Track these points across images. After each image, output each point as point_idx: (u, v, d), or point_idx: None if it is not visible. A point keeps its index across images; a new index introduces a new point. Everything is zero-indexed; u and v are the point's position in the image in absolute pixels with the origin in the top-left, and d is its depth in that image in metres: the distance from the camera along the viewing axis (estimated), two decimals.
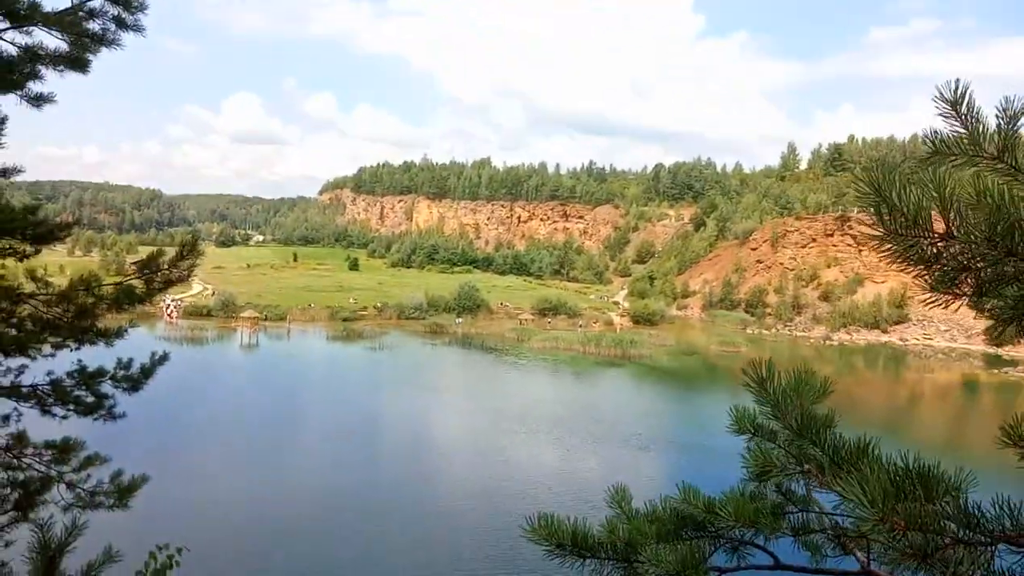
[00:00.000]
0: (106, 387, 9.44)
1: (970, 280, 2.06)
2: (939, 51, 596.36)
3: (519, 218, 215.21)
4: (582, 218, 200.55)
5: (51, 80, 8.56)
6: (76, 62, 8.42)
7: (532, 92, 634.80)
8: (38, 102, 8.60)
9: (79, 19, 8.13)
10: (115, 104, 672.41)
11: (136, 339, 10.54)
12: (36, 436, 9.35)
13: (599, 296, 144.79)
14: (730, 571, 2.83)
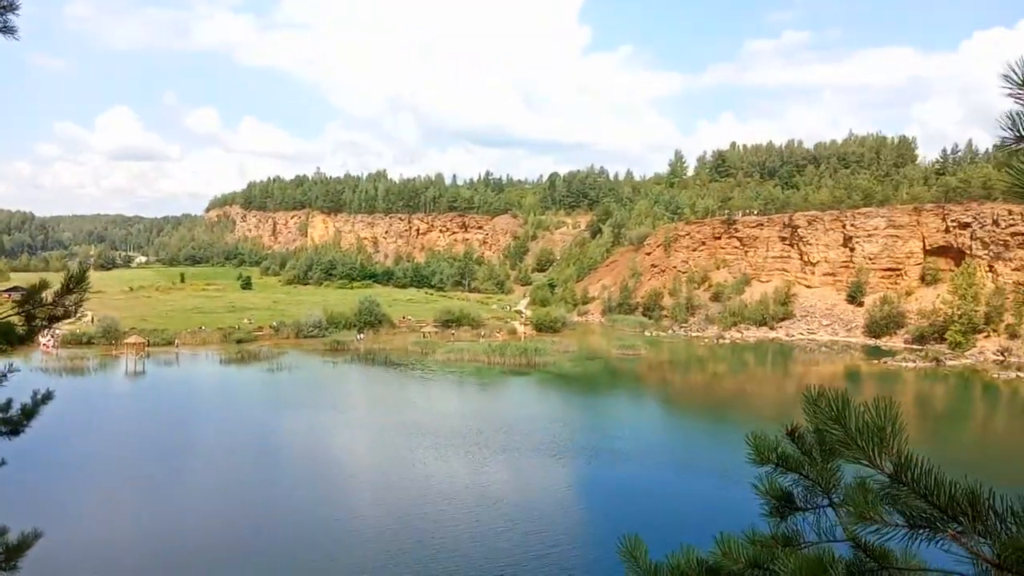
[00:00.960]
0: None
1: None
2: (810, 62, 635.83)
3: (418, 230, 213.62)
4: (481, 228, 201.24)
5: None
6: None
7: (425, 105, 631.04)
8: None
9: None
10: None
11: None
12: None
13: (501, 306, 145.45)
14: None
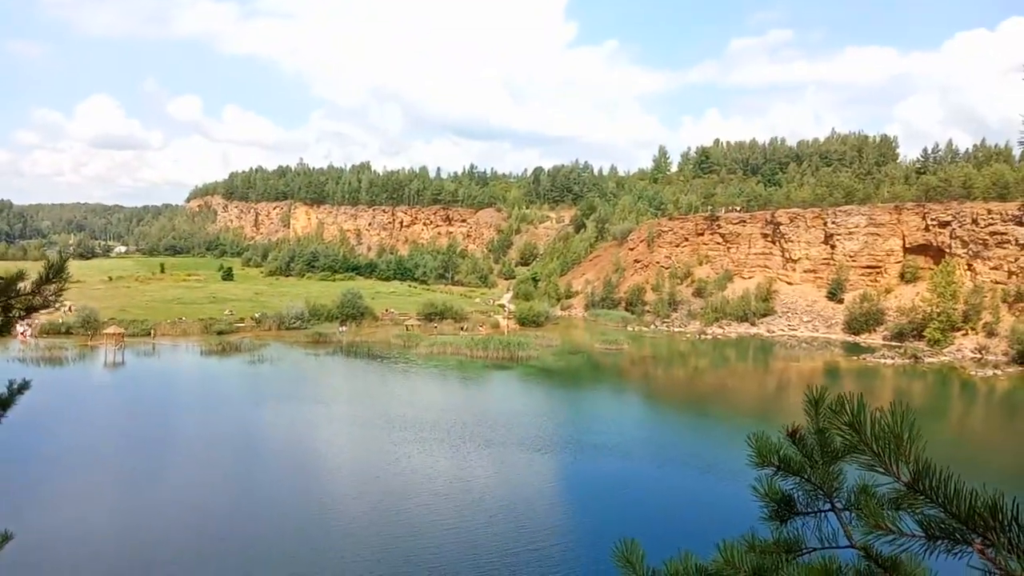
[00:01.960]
0: None
1: None
2: (793, 60, 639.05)
3: (401, 223, 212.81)
4: (465, 222, 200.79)
5: None
6: None
7: (410, 96, 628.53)
8: None
9: None
10: None
11: None
12: None
13: (485, 299, 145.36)
14: None
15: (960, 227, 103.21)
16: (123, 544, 31.70)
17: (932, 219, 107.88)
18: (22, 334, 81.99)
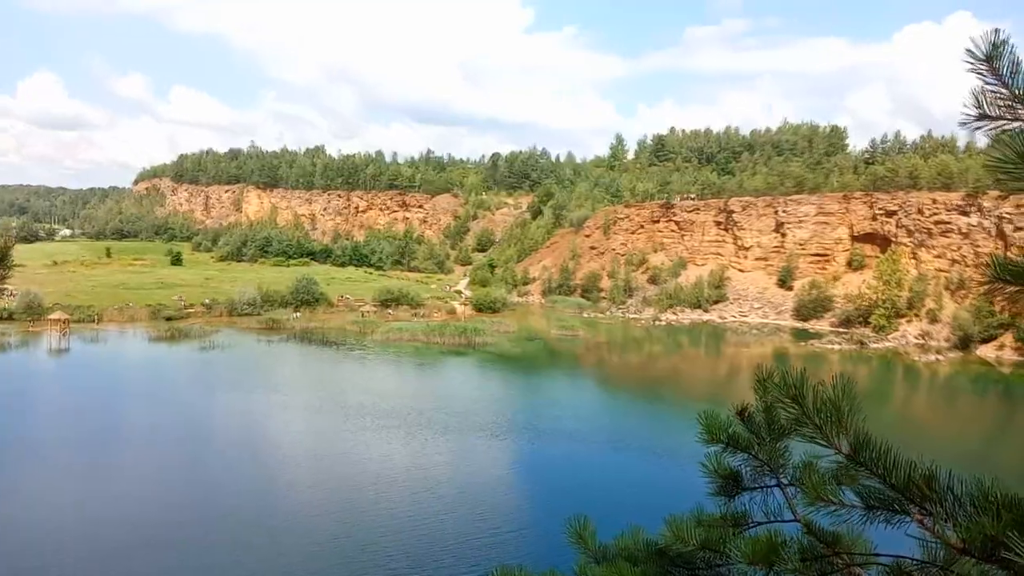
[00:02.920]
0: None
1: None
2: (749, 49, 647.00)
3: (357, 208, 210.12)
4: (421, 207, 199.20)
5: None
6: None
7: (365, 78, 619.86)
8: None
9: None
10: None
11: None
12: None
13: (442, 286, 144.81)
14: None
15: (906, 216, 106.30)
16: (70, 535, 30.90)
17: (879, 208, 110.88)
18: None
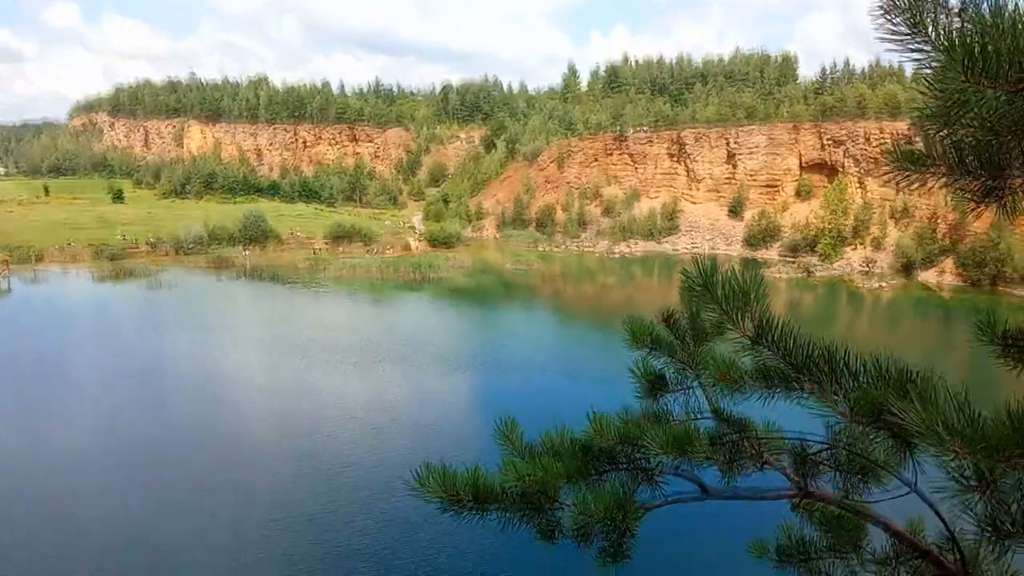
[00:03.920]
0: None
1: None
2: None
3: (304, 142, 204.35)
4: (372, 141, 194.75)
5: None
6: None
7: (309, 4, 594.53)
8: None
9: None
10: None
11: None
12: None
13: (395, 221, 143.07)
14: (656, 507, 2.53)
15: (853, 145, 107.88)
16: (23, 493, 30.31)
17: (828, 138, 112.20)
18: None
